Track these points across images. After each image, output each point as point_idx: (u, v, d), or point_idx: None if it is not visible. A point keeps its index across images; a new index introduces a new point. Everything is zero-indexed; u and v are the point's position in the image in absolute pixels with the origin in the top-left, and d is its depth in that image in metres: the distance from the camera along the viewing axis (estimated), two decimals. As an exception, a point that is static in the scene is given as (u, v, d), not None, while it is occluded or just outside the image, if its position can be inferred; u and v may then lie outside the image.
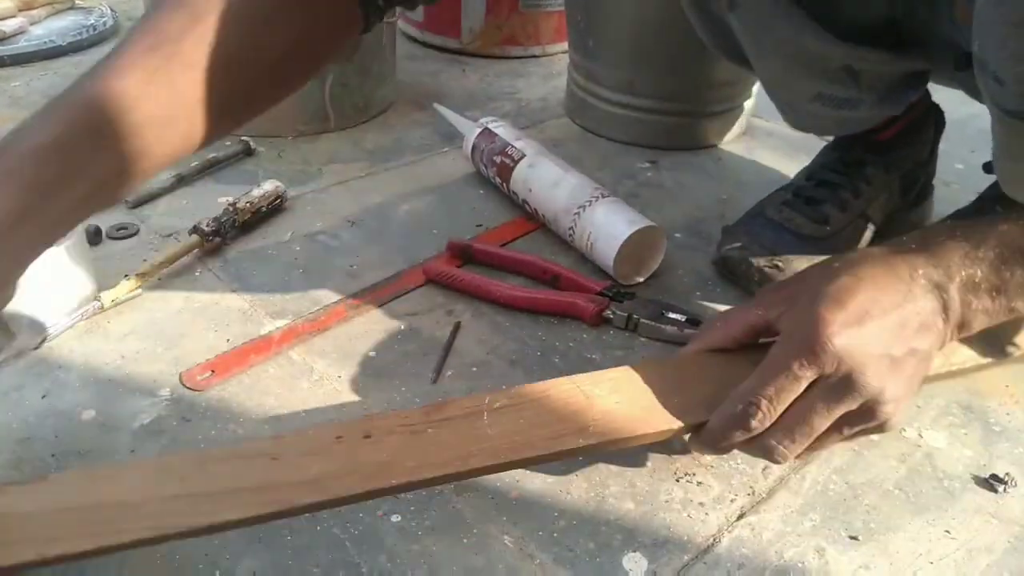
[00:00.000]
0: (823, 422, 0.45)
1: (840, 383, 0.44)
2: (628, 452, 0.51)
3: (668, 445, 0.52)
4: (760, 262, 0.67)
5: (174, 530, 0.38)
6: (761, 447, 0.46)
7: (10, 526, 0.37)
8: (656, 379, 0.49)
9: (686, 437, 0.50)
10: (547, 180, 0.76)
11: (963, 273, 0.47)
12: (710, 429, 0.47)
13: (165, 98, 0.45)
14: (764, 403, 0.45)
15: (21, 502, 0.39)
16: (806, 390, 0.45)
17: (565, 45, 1.14)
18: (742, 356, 0.50)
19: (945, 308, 0.46)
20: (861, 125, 0.69)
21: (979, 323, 0.48)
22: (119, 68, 0.44)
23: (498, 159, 0.80)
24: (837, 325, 0.44)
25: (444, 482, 0.43)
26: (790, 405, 0.45)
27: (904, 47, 0.63)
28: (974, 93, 0.64)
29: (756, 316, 0.50)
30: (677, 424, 0.46)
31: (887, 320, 0.45)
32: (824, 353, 0.44)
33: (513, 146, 0.80)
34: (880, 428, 0.46)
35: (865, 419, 0.45)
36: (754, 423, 0.45)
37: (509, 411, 0.45)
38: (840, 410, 0.45)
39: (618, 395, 0.47)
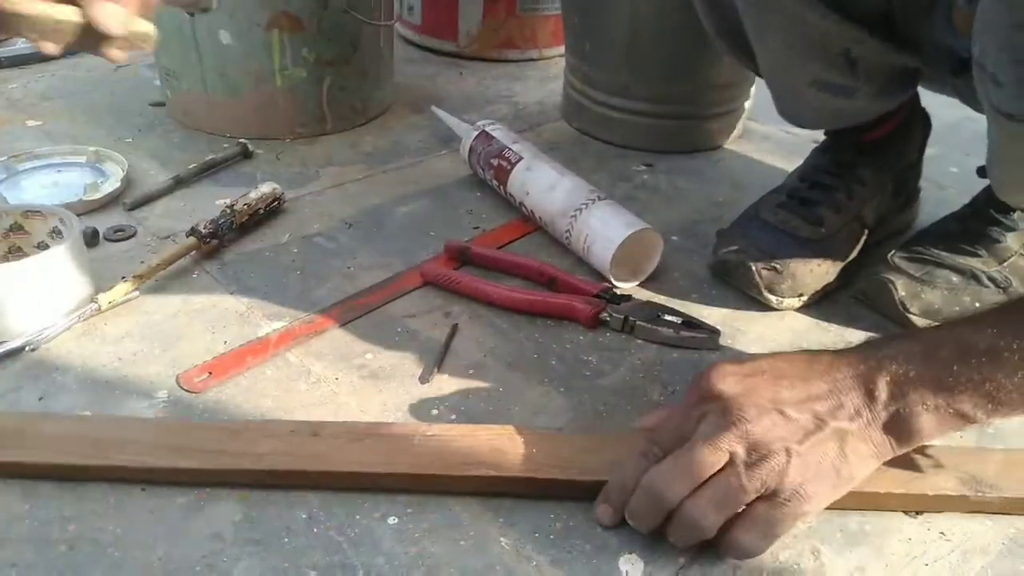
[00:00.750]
0: (708, 453, 0.43)
1: (717, 412, 0.45)
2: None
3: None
4: (759, 265, 0.67)
5: (150, 466, 0.49)
6: (652, 488, 0.45)
7: (36, 438, 0.50)
8: (585, 445, 0.52)
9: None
10: (544, 183, 0.76)
11: (893, 368, 0.44)
12: (610, 481, 0.48)
13: None
14: (653, 434, 0.48)
15: (49, 426, 0.51)
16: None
17: (562, 48, 1.14)
18: None
19: (870, 397, 0.44)
20: (855, 118, 0.70)
21: (925, 424, 0.44)
22: None
23: (495, 162, 0.81)
24: (726, 374, 0.46)
25: (367, 482, 0.50)
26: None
27: (901, 43, 0.63)
28: (967, 99, 0.65)
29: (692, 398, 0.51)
30: (583, 478, 0.49)
31: (783, 382, 0.45)
32: (709, 392, 0.45)
33: (510, 149, 0.80)
34: (779, 484, 0.43)
35: (759, 467, 0.43)
36: (645, 454, 0.46)
37: (439, 439, 0.52)
38: (722, 442, 0.43)
39: (542, 446, 0.51)
